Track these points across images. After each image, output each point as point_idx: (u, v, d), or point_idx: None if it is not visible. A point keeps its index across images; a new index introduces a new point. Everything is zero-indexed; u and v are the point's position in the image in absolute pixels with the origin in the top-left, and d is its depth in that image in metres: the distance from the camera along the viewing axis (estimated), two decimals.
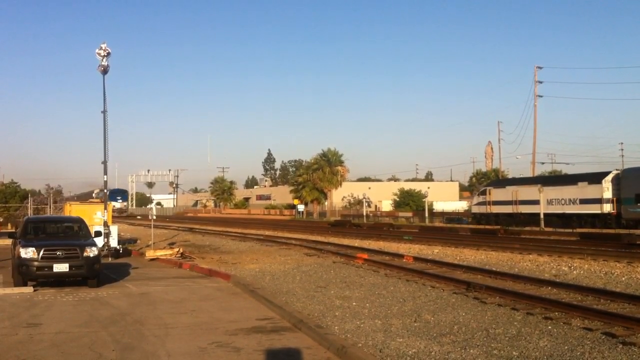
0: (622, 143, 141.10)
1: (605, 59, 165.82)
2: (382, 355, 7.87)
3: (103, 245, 21.53)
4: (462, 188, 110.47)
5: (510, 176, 72.93)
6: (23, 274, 14.47)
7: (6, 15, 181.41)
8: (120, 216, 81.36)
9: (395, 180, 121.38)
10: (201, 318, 10.90)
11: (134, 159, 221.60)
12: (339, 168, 76.01)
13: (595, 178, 41.14)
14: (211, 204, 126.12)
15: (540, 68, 63.94)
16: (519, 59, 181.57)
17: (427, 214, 60.91)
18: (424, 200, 66.27)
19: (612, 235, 28.94)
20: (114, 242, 23.59)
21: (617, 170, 42.11)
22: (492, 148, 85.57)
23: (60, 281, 15.04)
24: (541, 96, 64.38)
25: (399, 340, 8.64)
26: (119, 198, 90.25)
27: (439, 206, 73.04)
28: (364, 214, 66.10)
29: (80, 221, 17.32)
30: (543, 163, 79.45)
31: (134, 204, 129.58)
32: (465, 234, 35.22)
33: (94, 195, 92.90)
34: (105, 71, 23.09)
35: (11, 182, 67.13)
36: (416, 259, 19.66)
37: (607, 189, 39.81)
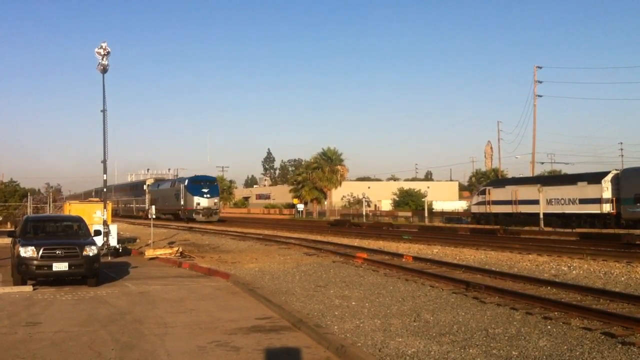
0: (621, 143, 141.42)
1: (605, 58, 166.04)
2: (382, 354, 7.87)
3: (102, 244, 21.51)
4: (462, 188, 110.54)
5: (509, 176, 72.92)
6: (22, 272, 14.48)
7: (5, 14, 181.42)
8: (208, 221, 53.71)
9: (395, 179, 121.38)
10: (200, 317, 10.90)
11: (134, 158, 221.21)
12: (339, 167, 75.95)
13: (595, 178, 41.15)
14: None
15: (539, 68, 63.95)
16: (518, 58, 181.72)
17: (426, 214, 60.92)
18: (423, 199, 66.32)
19: (612, 235, 28.97)
20: (113, 241, 23.56)
21: (616, 170, 42.12)
22: (491, 148, 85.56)
23: (59, 280, 15.04)
24: (541, 96, 64.38)
25: (398, 339, 8.65)
26: (205, 191, 56.84)
27: (438, 206, 73.06)
28: (364, 213, 66.09)
29: (79, 220, 17.33)
30: (542, 163, 79.50)
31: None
32: (464, 234, 35.25)
33: (145, 187, 69.19)
34: (104, 70, 23.08)
35: (10, 181, 66.99)
36: (416, 258, 19.65)
37: (606, 189, 39.81)
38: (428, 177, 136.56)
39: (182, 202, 57.68)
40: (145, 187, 70.15)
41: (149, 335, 9.39)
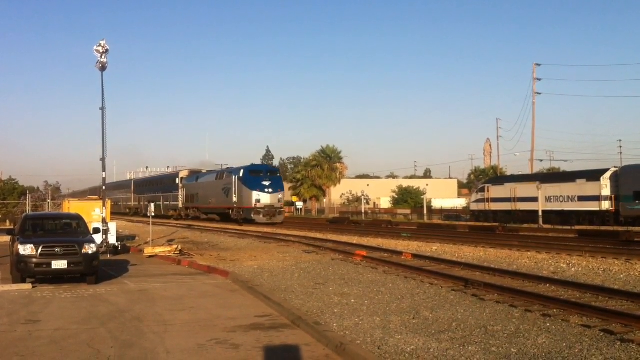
0: (620, 140, 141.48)
1: (604, 56, 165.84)
2: (381, 352, 7.88)
3: (102, 242, 21.51)
4: (461, 185, 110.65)
5: (508, 173, 73.04)
6: (21, 270, 14.47)
7: (5, 12, 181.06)
8: (270, 223, 43.48)
9: (394, 177, 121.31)
10: (200, 315, 10.90)
11: (133, 155, 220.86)
12: (338, 165, 75.97)
13: (594, 175, 41.22)
14: None
15: (538, 65, 63.96)
16: (517, 56, 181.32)
17: (425, 211, 61.01)
18: (422, 197, 66.42)
19: (611, 233, 29.02)
20: (112, 239, 23.56)
21: (615, 167, 42.23)
22: (490, 145, 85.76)
23: (58, 278, 15.04)
24: (540, 93, 64.45)
25: (398, 337, 8.66)
26: (266, 185, 45.19)
27: (437, 203, 73.07)
28: (363, 211, 66.11)
29: (78, 218, 17.32)
30: (541, 160, 79.73)
31: None
32: (463, 231, 35.29)
33: (178, 181, 58.11)
34: (103, 68, 23.03)
35: (9, 179, 67.09)
36: (415, 256, 19.67)
37: (605, 186, 39.88)
38: (427, 174, 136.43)
39: (234, 199, 46.21)
40: (178, 180, 59.01)
41: (149, 333, 9.39)
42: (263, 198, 44.50)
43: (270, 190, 45.02)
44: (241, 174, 46.33)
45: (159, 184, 66.58)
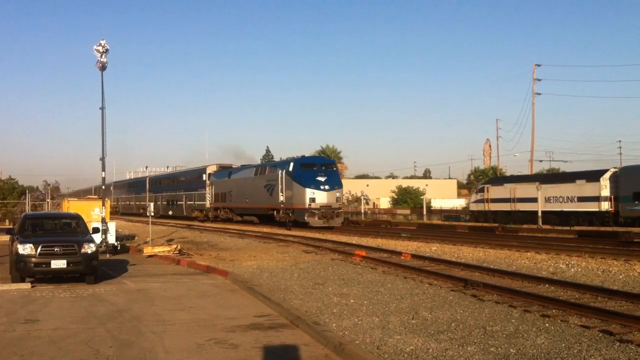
0: (620, 141, 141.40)
1: (604, 56, 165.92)
2: (380, 352, 7.88)
3: (101, 242, 21.50)
4: (460, 186, 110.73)
5: (508, 174, 73.06)
6: (21, 270, 14.46)
7: (4, 12, 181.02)
8: (327, 227, 36.33)
9: (394, 177, 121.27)
10: (199, 315, 10.90)
11: (132, 155, 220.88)
12: (337, 165, 75.93)
13: (593, 176, 41.25)
14: None
15: (538, 66, 63.97)
16: (517, 56, 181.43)
17: (425, 212, 61.00)
18: (422, 197, 66.39)
19: (610, 233, 29.01)
20: (111, 239, 23.56)
21: (615, 168, 42.27)
22: (490, 145, 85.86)
23: (57, 277, 15.03)
24: (539, 94, 64.44)
25: (397, 337, 8.66)
26: (321, 180, 37.79)
27: (437, 203, 73.13)
28: (362, 211, 66.11)
29: (78, 217, 17.32)
30: (541, 161, 79.77)
31: None
32: (463, 232, 35.28)
33: (205, 177, 52.30)
34: (103, 68, 23.03)
35: (9, 178, 67.19)
36: (414, 256, 19.67)
37: (605, 187, 39.92)
38: (427, 175, 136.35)
39: (280, 198, 39.03)
40: (205, 177, 52.39)
41: (147, 333, 9.39)
42: (319, 197, 37.10)
43: (327, 187, 37.66)
44: (290, 168, 38.92)
45: (181, 182, 59.68)
